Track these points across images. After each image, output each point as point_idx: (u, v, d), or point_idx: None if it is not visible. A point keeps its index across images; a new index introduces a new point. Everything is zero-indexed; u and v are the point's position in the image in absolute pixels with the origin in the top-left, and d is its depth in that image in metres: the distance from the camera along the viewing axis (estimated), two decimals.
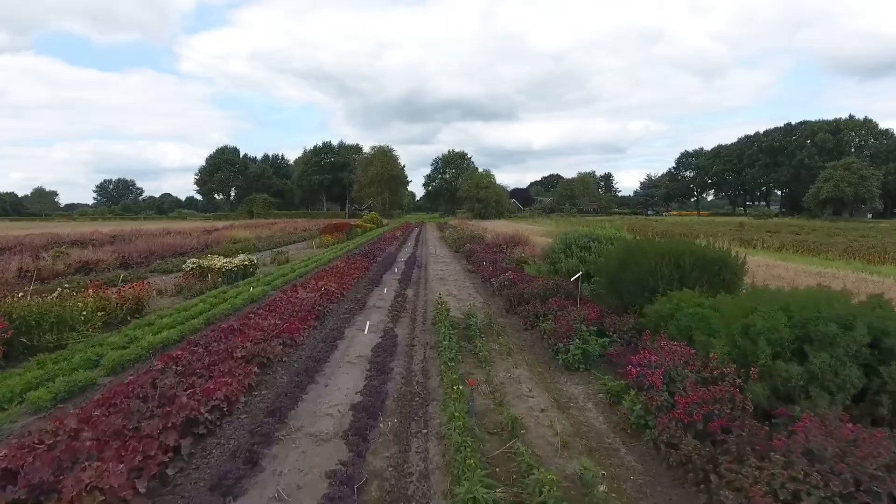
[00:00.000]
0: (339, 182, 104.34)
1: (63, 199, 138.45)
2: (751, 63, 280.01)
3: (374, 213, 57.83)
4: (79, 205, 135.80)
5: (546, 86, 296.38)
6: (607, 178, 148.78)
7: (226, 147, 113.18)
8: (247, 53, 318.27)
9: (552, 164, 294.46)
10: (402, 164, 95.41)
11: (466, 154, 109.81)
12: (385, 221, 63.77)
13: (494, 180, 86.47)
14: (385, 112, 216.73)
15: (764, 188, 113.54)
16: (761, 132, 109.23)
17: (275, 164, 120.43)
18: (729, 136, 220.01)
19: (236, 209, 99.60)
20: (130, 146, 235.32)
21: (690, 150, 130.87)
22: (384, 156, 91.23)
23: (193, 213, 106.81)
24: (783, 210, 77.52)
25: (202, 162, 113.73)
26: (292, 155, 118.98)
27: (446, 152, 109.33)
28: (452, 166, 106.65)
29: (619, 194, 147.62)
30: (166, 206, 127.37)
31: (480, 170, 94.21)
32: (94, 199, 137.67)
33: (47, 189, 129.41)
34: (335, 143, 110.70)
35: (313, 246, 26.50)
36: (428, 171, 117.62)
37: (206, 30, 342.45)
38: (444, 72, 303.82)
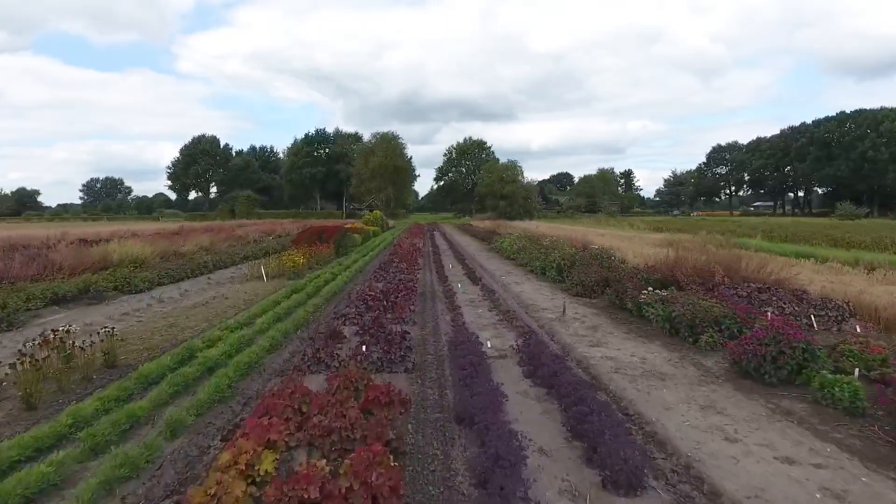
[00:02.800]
0: (334, 176, 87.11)
1: (60, 200, 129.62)
2: (750, 63, 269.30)
3: (377, 212, 44.03)
4: (72, 205, 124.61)
5: (545, 86, 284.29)
6: (627, 175, 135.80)
7: (203, 136, 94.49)
8: (245, 53, 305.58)
9: (552, 164, 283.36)
10: (410, 154, 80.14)
11: (486, 143, 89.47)
12: (391, 223, 50.28)
13: (522, 173, 70.91)
14: (384, 112, 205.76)
15: (806, 185, 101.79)
16: (809, 122, 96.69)
17: (262, 157, 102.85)
18: (729, 136, 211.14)
19: (216, 208, 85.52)
20: (130, 146, 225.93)
21: (723, 143, 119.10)
22: (388, 143, 74.74)
23: (177, 213, 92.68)
24: (869, 210, 64.34)
25: None
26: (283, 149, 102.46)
27: (461, 140, 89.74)
28: (469, 158, 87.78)
29: (640, 192, 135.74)
30: (156, 205, 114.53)
31: (505, 160, 76.55)
32: (81, 198, 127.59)
33: (29, 188, 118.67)
34: (331, 132, 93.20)
35: (263, 273, 12.91)
36: (427, 171, 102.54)
37: (204, 30, 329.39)
38: (443, 72, 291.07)
